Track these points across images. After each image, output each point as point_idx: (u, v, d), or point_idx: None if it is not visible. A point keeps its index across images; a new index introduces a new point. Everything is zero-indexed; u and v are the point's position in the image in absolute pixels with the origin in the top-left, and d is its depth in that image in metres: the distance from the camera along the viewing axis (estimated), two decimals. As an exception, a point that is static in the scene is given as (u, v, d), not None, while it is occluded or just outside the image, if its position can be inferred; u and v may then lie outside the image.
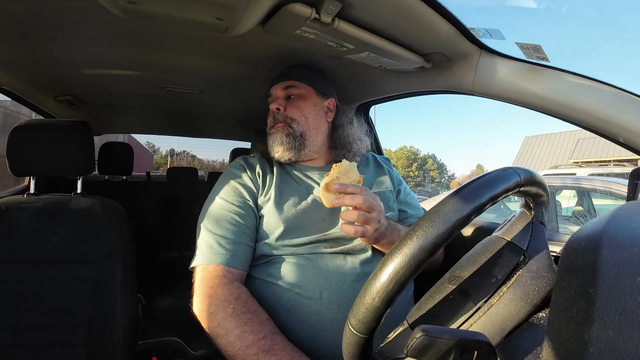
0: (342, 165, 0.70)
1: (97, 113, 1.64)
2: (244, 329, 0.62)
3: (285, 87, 0.90)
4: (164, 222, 2.31)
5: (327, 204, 0.69)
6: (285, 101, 0.89)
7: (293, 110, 0.88)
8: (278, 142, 0.86)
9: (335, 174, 0.69)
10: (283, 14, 0.63)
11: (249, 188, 0.83)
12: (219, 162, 34.60)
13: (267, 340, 0.61)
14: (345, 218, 0.69)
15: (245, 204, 0.81)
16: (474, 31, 0.71)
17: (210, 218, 0.79)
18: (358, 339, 0.39)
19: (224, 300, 0.67)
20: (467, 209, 0.37)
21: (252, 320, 0.64)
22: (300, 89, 0.90)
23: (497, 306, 0.42)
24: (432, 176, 42.54)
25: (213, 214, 0.80)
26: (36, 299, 0.86)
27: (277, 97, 0.90)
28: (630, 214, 0.30)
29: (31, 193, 0.94)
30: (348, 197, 0.67)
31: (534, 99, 0.71)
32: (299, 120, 0.88)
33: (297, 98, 0.90)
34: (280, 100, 0.88)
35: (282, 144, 0.85)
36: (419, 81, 0.98)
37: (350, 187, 0.68)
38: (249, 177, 0.85)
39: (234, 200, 0.81)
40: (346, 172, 0.70)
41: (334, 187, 0.68)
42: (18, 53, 0.93)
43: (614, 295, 0.23)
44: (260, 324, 0.64)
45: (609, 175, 4.60)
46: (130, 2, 0.59)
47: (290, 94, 0.90)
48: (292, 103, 0.89)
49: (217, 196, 0.83)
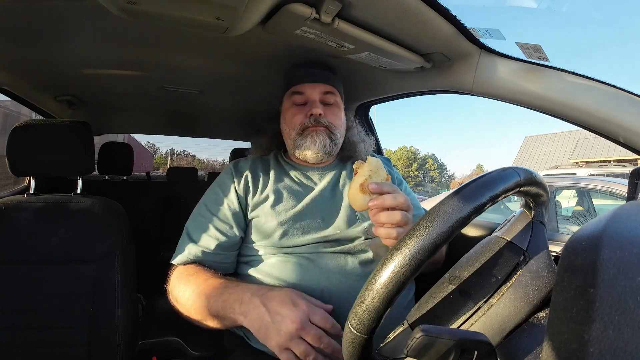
0: (371, 162, 0.64)
1: (97, 113, 1.64)
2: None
3: (325, 92, 0.88)
4: (164, 222, 2.31)
5: (360, 206, 0.62)
6: (323, 106, 0.87)
7: (333, 117, 0.88)
8: (320, 145, 0.84)
9: (368, 173, 0.62)
10: (283, 14, 0.63)
11: (232, 197, 0.83)
12: (219, 162, 34.61)
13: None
14: (388, 220, 0.62)
15: (224, 216, 0.81)
16: (474, 31, 0.71)
17: (194, 225, 0.82)
18: (358, 338, 0.39)
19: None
20: (467, 209, 0.37)
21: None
22: (336, 96, 0.90)
23: (497, 306, 0.42)
24: (432, 176, 42.56)
25: (196, 222, 0.82)
26: (36, 299, 0.86)
27: (314, 99, 0.87)
28: (630, 214, 0.30)
29: (31, 193, 0.94)
30: (389, 196, 0.61)
31: (534, 99, 0.71)
32: (338, 127, 0.89)
33: (335, 105, 0.90)
34: (318, 104, 0.86)
35: (324, 147, 0.84)
36: (419, 81, 0.98)
37: (387, 186, 0.62)
38: (234, 185, 0.85)
39: (215, 210, 0.82)
40: (376, 170, 0.64)
41: (370, 187, 0.60)
42: (18, 53, 0.93)
43: (614, 295, 0.23)
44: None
45: (609, 175, 4.60)
46: (130, 2, 0.59)
47: (328, 101, 0.89)
48: (330, 110, 0.88)
49: (203, 203, 0.85)
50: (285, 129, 0.90)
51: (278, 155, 0.96)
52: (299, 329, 0.57)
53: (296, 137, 0.86)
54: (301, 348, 0.57)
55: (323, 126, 0.85)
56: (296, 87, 0.88)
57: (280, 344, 0.58)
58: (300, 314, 0.59)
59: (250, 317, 0.61)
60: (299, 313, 0.59)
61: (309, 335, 0.57)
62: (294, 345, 0.57)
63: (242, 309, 0.62)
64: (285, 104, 0.91)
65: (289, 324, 0.58)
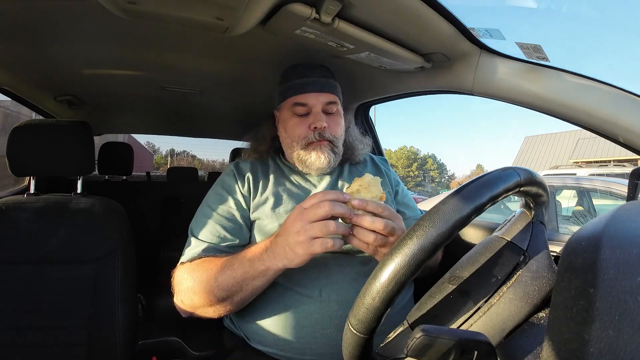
0: (364, 178, 0.63)
1: (97, 113, 1.64)
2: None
3: (328, 102, 0.86)
4: (164, 222, 2.31)
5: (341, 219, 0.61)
6: (325, 116, 0.86)
7: (335, 128, 0.87)
8: (325, 161, 0.84)
9: (356, 187, 0.62)
10: (283, 14, 0.63)
11: (238, 197, 0.83)
12: (219, 162, 34.60)
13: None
14: (360, 238, 0.60)
15: (232, 216, 0.81)
16: (474, 31, 0.71)
17: (198, 226, 0.81)
18: (358, 338, 0.39)
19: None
20: (467, 209, 0.37)
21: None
22: (338, 105, 0.89)
23: (497, 306, 0.42)
24: (432, 176, 42.54)
25: (201, 223, 0.81)
26: (36, 299, 0.86)
27: (317, 112, 0.85)
28: (630, 214, 0.30)
29: (31, 193, 0.94)
30: (368, 218, 0.59)
31: (534, 99, 0.71)
32: (339, 137, 0.88)
33: (337, 114, 0.89)
34: (322, 116, 0.85)
35: (329, 163, 0.84)
36: (419, 81, 0.98)
37: (372, 204, 0.60)
38: (238, 186, 0.85)
39: (221, 211, 0.81)
40: (368, 186, 0.62)
41: (353, 203, 0.60)
42: (18, 53, 0.93)
43: (614, 295, 0.23)
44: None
45: (609, 175, 4.60)
46: (130, 2, 0.59)
47: (330, 111, 0.87)
48: (333, 120, 0.87)
49: (207, 205, 0.84)
50: (286, 139, 0.88)
51: (276, 158, 0.96)
52: (300, 219, 0.60)
53: (300, 151, 0.85)
54: (315, 228, 0.58)
55: (326, 140, 0.85)
56: (298, 97, 0.85)
57: (301, 242, 0.59)
58: (295, 212, 0.62)
59: (280, 255, 0.63)
60: (293, 213, 0.62)
61: (309, 215, 0.59)
62: (310, 231, 0.58)
63: (269, 256, 0.64)
64: (285, 113, 0.88)
65: (292, 224, 0.61)
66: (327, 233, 0.58)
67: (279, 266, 0.64)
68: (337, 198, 0.60)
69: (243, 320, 0.76)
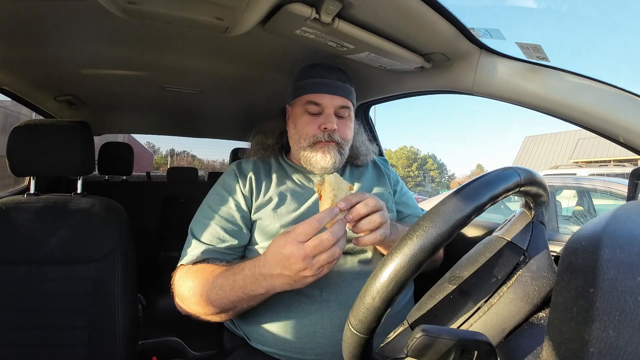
0: (330, 181, 0.64)
1: (97, 113, 1.64)
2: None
3: (341, 106, 0.86)
4: (164, 222, 2.30)
5: None
6: (336, 119, 0.86)
7: (345, 131, 0.87)
8: (330, 161, 0.84)
9: (332, 193, 0.63)
10: (283, 14, 0.63)
11: (239, 198, 0.83)
12: (219, 162, 34.59)
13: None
14: (370, 226, 0.62)
15: (232, 217, 0.81)
16: (474, 31, 0.71)
17: (198, 227, 0.80)
18: (358, 338, 0.39)
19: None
20: (467, 209, 0.37)
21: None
22: (350, 110, 0.89)
23: (497, 306, 0.42)
24: (432, 176, 42.54)
25: (201, 223, 0.81)
26: (36, 299, 0.86)
27: (330, 113, 0.85)
28: (630, 214, 0.30)
29: (31, 193, 0.94)
30: (360, 206, 0.62)
31: (534, 99, 0.71)
32: (349, 141, 0.88)
33: (348, 119, 0.89)
34: (333, 118, 0.85)
35: (334, 163, 0.84)
36: (419, 81, 0.98)
37: (353, 197, 0.63)
38: (240, 186, 0.85)
39: (221, 212, 0.81)
40: (338, 186, 0.64)
41: (340, 206, 0.61)
42: (18, 53, 0.93)
43: (614, 295, 0.23)
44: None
45: (609, 175, 4.60)
46: (130, 2, 0.59)
47: (342, 114, 0.87)
48: (344, 123, 0.87)
49: (207, 205, 0.84)
50: (294, 135, 0.88)
51: (279, 157, 0.96)
52: (302, 258, 0.56)
53: (307, 148, 0.85)
54: (321, 261, 0.57)
55: (334, 141, 0.85)
56: (312, 96, 0.85)
57: (310, 276, 0.58)
58: (290, 248, 0.57)
59: (283, 287, 0.62)
60: (288, 249, 0.57)
61: (312, 251, 0.56)
62: (317, 264, 0.57)
63: (268, 285, 0.62)
64: (297, 110, 0.88)
65: (294, 264, 0.57)
66: (334, 259, 0.58)
67: (280, 290, 0.63)
68: (330, 217, 0.59)
69: (243, 320, 0.76)
